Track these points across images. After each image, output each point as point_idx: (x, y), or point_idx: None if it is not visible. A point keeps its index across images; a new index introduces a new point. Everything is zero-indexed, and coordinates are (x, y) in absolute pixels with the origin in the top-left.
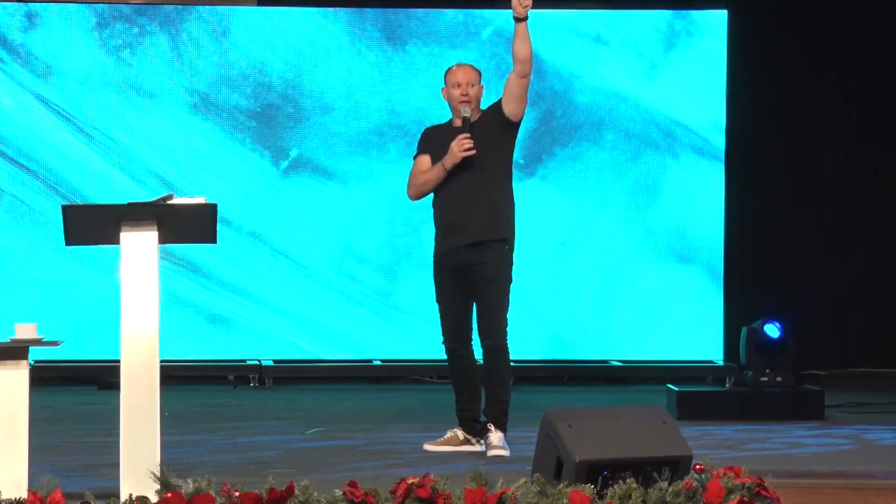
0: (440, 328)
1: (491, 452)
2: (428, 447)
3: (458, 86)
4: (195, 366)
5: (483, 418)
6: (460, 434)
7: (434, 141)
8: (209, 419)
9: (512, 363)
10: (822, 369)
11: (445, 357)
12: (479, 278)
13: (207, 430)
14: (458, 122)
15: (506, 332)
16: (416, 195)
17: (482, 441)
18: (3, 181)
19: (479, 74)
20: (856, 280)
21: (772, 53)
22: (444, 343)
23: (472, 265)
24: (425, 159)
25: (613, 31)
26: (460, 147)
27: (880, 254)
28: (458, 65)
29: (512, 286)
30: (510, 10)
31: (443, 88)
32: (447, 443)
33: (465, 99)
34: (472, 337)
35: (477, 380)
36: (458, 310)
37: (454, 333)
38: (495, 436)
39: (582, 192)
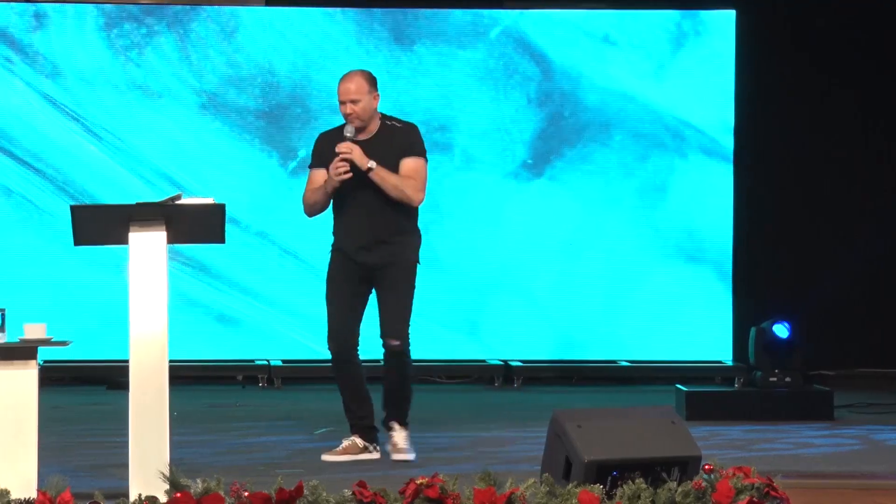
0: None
1: (396, 456)
2: (326, 458)
3: (343, 103)
4: (204, 366)
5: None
6: (359, 442)
7: (328, 149)
8: (218, 419)
9: (521, 363)
10: (831, 369)
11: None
12: (385, 277)
13: (216, 431)
14: (347, 133)
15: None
16: (310, 214)
17: (378, 447)
18: (12, 181)
19: (368, 84)
20: (865, 280)
21: (780, 53)
22: (330, 347)
23: (378, 267)
24: (319, 174)
25: (621, 31)
26: (335, 172)
27: (889, 254)
28: (343, 77)
29: (518, 286)
30: (518, 11)
31: None
32: (346, 451)
33: (349, 119)
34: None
35: (365, 384)
36: (354, 309)
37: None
38: (400, 435)
39: (590, 192)
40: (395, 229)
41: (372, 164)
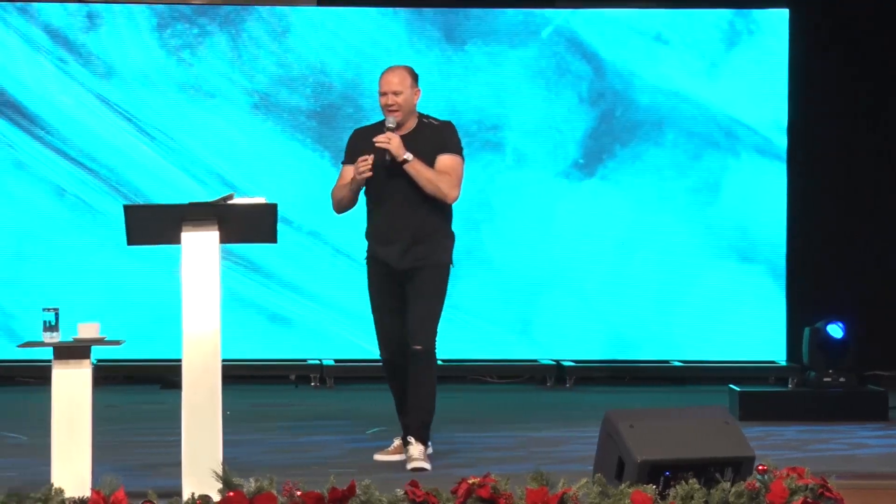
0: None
1: (412, 465)
2: (378, 457)
3: (384, 94)
4: (256, 365)
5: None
6: None
7: (361, 145)
8: (270, 419)
9: (573, 363)
10: (885, 370)
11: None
12: (415, 280)
13: (268, 430)
14: (388, 124)
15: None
16: (338, 210)
17: (430, 445)
18: (66, 181)
19: (411, 79)
20: None
21: (833, 52)
22: (382, 355)
23: (411, 270)
24: (350, 171)
25: (674, 30)
26: (357, 170)
27: None
28: (386, 70)
29: (570, 285)
30: (570, 10)
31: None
32: (398, 451)
33: (390, 109)
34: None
35: None
36: (398, 314)
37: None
38: (416, 449)
39: (642, 191)
40: (430, 228)
41: (408, 155)
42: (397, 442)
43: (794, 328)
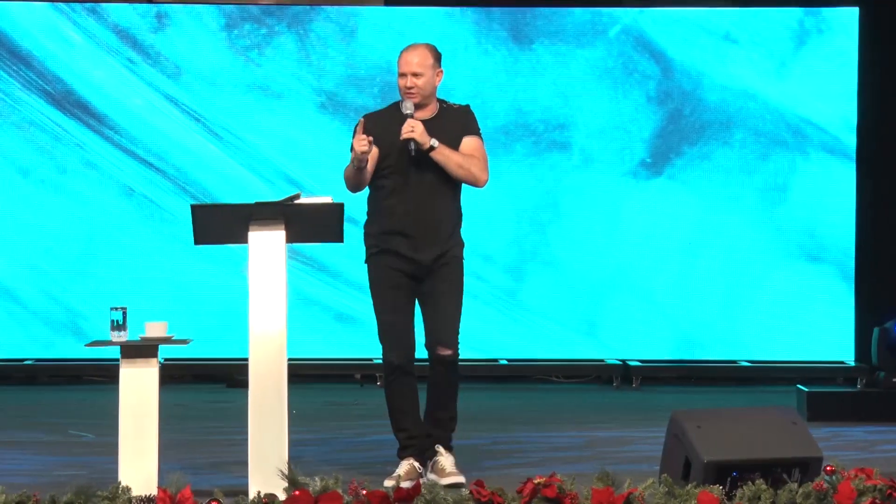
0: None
1: (446, 481)
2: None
3: (403, 75)
4: (322, 364)
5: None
6: (417, 466)
7: (374, 130)
8: (336, 417)
9: (639, 363)
10: None
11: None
12: (438, 278)
13: (334, 429)
14: (405, 110)
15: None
16: (353, 190)
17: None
18: (134, 181)
19: (433, 58)
20: None
21: None
22: (391, 358)
23: (432, 265)
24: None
25: (743, 28)
26: (357, 142)
27: None
28: (405, 48)
29: (637, 285)
30: (638, 9)
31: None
32: (409, 477)
33: (409, 92)
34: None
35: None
36: (410, 315)
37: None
38: (447, 460)
39: (710, 190)
40: (455, 217)
41: (434, 141)
42: (406, 466)
43: (863, 328)
